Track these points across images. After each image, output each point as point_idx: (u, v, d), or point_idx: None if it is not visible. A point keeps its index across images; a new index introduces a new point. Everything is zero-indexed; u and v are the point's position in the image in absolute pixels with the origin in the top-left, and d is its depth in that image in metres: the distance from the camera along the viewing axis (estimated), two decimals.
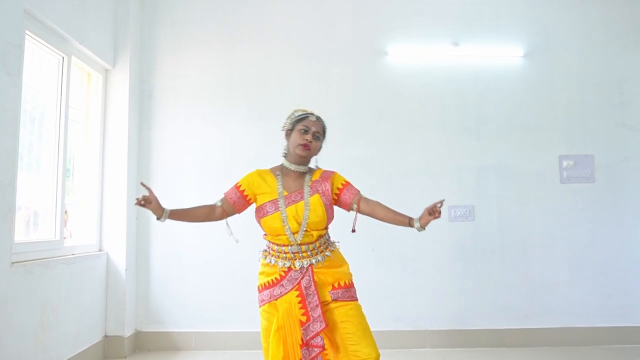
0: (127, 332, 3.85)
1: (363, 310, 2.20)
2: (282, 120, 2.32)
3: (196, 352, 3.95)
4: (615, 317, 4.08)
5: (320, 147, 2.29)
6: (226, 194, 2.30)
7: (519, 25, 4.32)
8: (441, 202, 2.09)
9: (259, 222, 2.23)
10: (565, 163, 4.19)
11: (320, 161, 2.36)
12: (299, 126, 2.22)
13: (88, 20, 3.57)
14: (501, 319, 4.07)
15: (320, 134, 2.24)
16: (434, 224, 4.15)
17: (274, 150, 4.00)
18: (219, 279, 4.05)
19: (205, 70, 4.21)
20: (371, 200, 2.26)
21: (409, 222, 2.14)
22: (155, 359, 3.79)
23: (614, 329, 4.05)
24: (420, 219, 2.11)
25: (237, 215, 2.34)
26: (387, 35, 4.27)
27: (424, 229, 2.13)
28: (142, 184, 2.26)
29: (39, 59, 3.24)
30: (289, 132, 2.28)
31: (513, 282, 4.11)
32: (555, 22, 4.32)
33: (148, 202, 2.14)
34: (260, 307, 2.22)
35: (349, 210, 2.30)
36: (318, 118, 2.27)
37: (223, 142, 4.16)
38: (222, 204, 2.30)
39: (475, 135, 4.22)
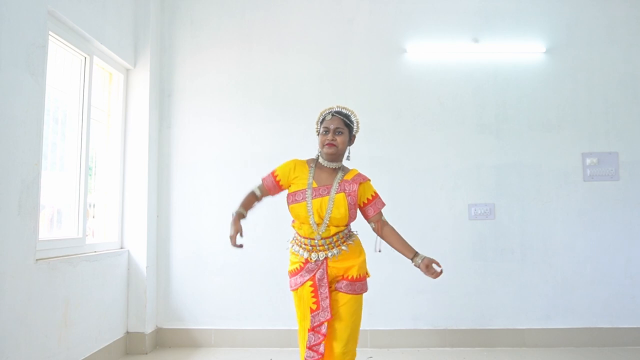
0: (148, 329, 3.90)
1: (367, 306, 2.38)
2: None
3: (216, 349, 3.98)
4: None
5: (350, 138, 2.38)
6: (263, 180, 2.42)
7: (541, 20, 4.24)
8: (440, 271, 2.25)
9: (288, 207, 2.35)
10: (588, 161, 4.11)
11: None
12: (321, 128, 2.35)
13: (109, 20, 3.62)
14: (522, 318, 4.02)
15: (342, 128, 2.31)
16: (453, 221, 4.15)
17: (292, 148, 4.05)
18: (238, 277, 4.08)
19: (223, 70, 4.24)
20: (387, 225, 2.41)
21: (412, 258, 2.31)
22: (175, 355, 3.84)
23: (638, 330, 3.97)
24: (421, 263, 2.26)
25: (262, 205, 2.48)
26: (406, 33, 4.24)
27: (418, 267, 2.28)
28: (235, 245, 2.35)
29: (61, 59, 3.29)
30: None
31: (534, 281, 4.05)
32: (577, 17, 4.24)
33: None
34: (291, 291, 2.39)
35: (367, 222, 2.44)
36: (337, 113, 2.33)
37: (241, 141, 4.19)
38: (260, 192, 2.42)
39: (495, 133, 4.17)
